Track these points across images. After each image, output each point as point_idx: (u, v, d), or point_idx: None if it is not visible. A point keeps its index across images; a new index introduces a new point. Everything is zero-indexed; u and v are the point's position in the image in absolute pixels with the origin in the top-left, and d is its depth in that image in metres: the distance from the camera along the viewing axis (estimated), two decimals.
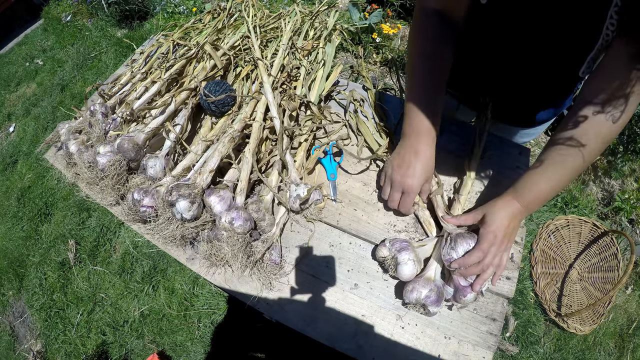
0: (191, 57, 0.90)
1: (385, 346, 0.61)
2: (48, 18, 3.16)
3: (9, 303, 1.80)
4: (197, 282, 1.65)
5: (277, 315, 0.64)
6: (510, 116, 0.82)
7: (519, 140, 0.89)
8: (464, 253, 0.57)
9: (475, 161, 0.72)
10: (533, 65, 0.65)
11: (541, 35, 0.58)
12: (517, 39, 0.62)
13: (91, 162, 0.71)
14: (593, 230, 1.57)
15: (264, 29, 0.99)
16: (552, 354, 1.44)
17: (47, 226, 1.97)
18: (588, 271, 1.53)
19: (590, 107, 0.50)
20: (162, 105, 0.81)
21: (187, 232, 0.65)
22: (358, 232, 0.70)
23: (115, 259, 1.79)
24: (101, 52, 2.71)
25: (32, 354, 1.63)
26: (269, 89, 0.77)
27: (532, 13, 0.56)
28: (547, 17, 0.55)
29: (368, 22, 2.06)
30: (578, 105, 0.52)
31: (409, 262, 0.59)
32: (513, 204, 0.58)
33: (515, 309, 1.51)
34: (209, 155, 0.72)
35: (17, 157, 2.33)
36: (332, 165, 0.77)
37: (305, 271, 0.67)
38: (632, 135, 1.64)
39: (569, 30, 0.54)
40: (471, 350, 0.60)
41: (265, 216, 0.66)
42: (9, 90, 2.76)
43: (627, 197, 1.63)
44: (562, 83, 0.69)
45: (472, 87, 0.80)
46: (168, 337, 1.56)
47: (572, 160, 0.53)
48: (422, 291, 0.57)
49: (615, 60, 0.47)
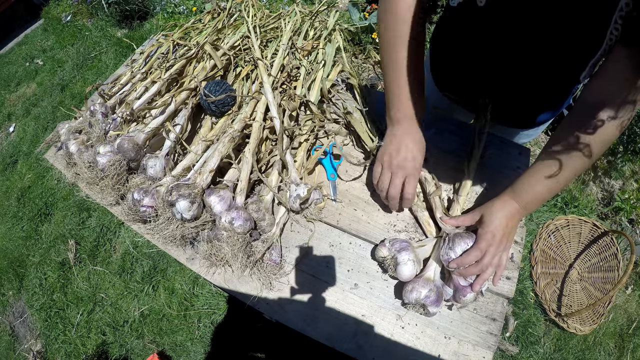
0: (191, 57, 0.90)
1: (385, 346, 0.61)
2: (48, 18, 3.16)
3: (9, 303, 1.80)
4: (197, 282, 1.65)
5: (277, 315, 0.64)
6: (509, 118, 0.82)
7: (517, 140, 0.89)
8: (462, 253, 0.57)
9: (474, 162, 0.72)
10: (533, 67, 0.65)
11: (542, 38, 0.58)
12: (517, 41, 0.61)
13: (91, 162, 0.71)
14: (593, 230, 1.57)
15: (264, 29, 0.99)
16: (552, 354, 1.44)
17: (47, 226, 1.97)
18: (588, 271, 1.53)
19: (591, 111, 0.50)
20: (162, 105, 0.81)
21: (187, 232, 0.65)
22: (358, 232, 0.70)
23: (115, 259, 1.79)
24: (101, 52, 2.72)
25: (32, 354, 1.63)
26: (269, 89, 0.78)
27: (532, 16, 0.55)
28: (549, 20, 0.54)
29: (368, 22, 2.06)
30: (579, 107, 0.52)
31: (409, 262, 0.59)
32: (511, 203, 0.58)
33: (515, 309, 1.51)
34: (209, 155, 0.72)
35: (17, 157, 2.34)
36: (332, 165, 0.77)
37: (305, 271, 0.67)
38: (632, 135, 1.64)
39: (571, 34, 0.54)
40: (471, 350, 0.60)
41: (265, 216, 0.66)
42: (9, 90, 2.76)
43: (627, 197, 1.63)
44: (563, 85, 0.68)
45: (472, 89, 0.80)
46: (168, 337, 1.56)
47: (572, 162, 0.53)
48: (421, 291, 0.57)
49: (619, 65, 0.46)
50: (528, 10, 0.55)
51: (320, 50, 0.92)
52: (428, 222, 0.68)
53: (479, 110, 0.78)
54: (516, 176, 0.60)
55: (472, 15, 0.61)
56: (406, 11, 0.59)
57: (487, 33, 0.64)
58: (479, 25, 0.64)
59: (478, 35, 0.66)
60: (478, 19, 0.62)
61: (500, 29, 0.61)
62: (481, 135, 0.74)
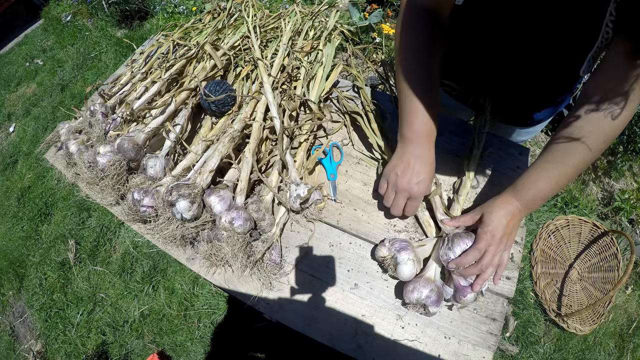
0: (191, 57, 0.90)
1: (385, 346, 0.61)
2: (48, 18, 3.16)
3: (9, 303, 1.80)
4: (197, 282, 1.65)
5: (277, 315, 0.64)
6: (508, 115, 0.82)
7: (517, 139, 0.89)
8: (461, 253, 0.57)
9: (474, 161, 0.72)
10: (531, 63, 0.65)
11: (539, 33, 0.58)
12: (515, 36, 0.61)
13: (91, 162, 0.71)
14: (593, 230, 1.57)
15: (264, 29, 0.99)
16: (552, 354, 1.44)
17: (47, 226, 1.97)
18: (588, 271, 1.53)
19: (590, 105, 0.50)
20: (162, 105, 0.81)
21: (187, 232, 0.65)
22: (358, 232, 0.70)
23: (115, 259, 1.79)
24: (101, 52, 2.71)
25: (32, 354, 1.63)
26: (269, 89, 0.77)
27: (529, 11, 0.56)
28: (545, 14, 0.55)
29: (368, 22, 2.06)
30: (579, 104, 0.52)
31: (409, 262, 0.59)
32: (512, 202, 0.57)
33: (515, 309, 1.51)
34: (209, 155, 0.72)
35: (17, 157, 2.33)
36: (332, 165, 0.77)
37: (305, 271, 0.67)
38: (632, 135, 1.64)
39: (567, 28, 0.54)
40: (471, 350, 0.60)
41: (265, 216, 0.66)
42: (9, 90, 2.76)
43: (627, 197, 1.63)
44: (561, 82, 0.68)
45: (470, 85, 0.80)
46: (168, 337, 1.56)
47: (572, 159, 0.53)
48: (423, 291, 0.57)
49: (614, 58, 0.47)
50: (525, 4, 0.55)
51: (320, 50, 0.92)
52: (428, 222, 0.67)
53: (479, 110, 0.78)
54: (516, 176, 0.60)
55: (472, 9, 0.61)
56: (419, 25, 0.59)
57: (485, 26, 0.64)
58: (478, 19, 0.64)
59: (477, 29, 0.66)
60: (477, 13, 0.62)
61: (498, 22, 0.61)
62: (481, 134, 0.74)
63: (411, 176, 0.61)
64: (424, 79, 0.60)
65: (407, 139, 0.63)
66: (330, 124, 0.85)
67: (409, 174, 0.61)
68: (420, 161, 0.61)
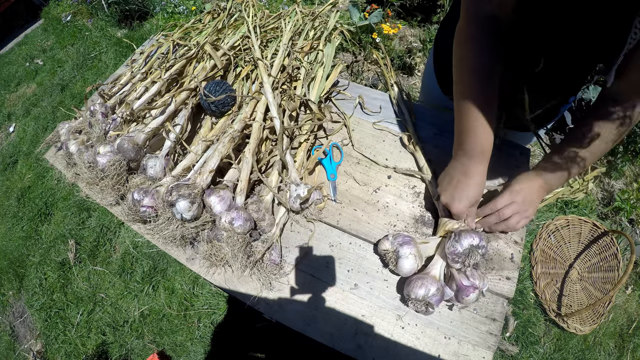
0: (191, 57, 0.90)
1: (385, 346, 0.61)
2: (48, 18, 3.16)
3: (9, 303, 1.80)
4: (197, 282, 1.65)
5: (277, 315, 0.64)
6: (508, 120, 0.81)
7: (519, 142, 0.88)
8: (468, 245, 0.57)
9: None
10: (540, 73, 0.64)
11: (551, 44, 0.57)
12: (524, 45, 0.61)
13: (91, 162, 0.71)
14: (593, 230, 1.57)
15: (264, 29, 0.99)
16: (552, 354, 1.44)
17: (47, 226, 1.97)
18: (588, 271, 1.53)
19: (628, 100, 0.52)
20: (162, 106, 0.81)
21: (187, 232, 0.65)
22: (358, 232, 0.70)
23: (115, 259, 1.79)
24: (101, 52, 2.71)
25: (32, 354, 1.63)
26: (269, 89, 0.77)
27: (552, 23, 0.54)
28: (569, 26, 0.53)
29: (368, 22, 2.06)
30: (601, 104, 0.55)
31: (410, 256, 0.59)
32: (534, 178, 0.62)
33: (515, 309, 1.51)
34: (209, 156, 0.72)
35: (17, 157, 2.34)
36: (332, 165, 0.77)
37: (305, 271, 0.67)
38: (632, 135, 1.64)
39: (591, 40, 0.53)
40: (471, 350, 0.60)
41: (265, 216, 0.66)
42: (9, 90, 2.76)
43: (627, 197, 1.63)
44: (578, 83, 0.68)
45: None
46: (168, 337, 1.56)
47: (604, 131, 0.55)
48: (430, 288, 0.57)
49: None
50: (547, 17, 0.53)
51: (320, 50, 0.92)
52: None
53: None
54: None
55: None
56: (483, 39, 0.57)
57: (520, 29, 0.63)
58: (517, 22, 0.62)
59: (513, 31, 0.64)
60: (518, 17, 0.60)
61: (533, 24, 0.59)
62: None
63: (452, 193, 0.64)
64: (484, 98, 0.59)
65: (458, 156, 0.64)
66: (330, 124, 0.85)
67: (450, 191, 0.65)
68: (466, 180, 0.64)
